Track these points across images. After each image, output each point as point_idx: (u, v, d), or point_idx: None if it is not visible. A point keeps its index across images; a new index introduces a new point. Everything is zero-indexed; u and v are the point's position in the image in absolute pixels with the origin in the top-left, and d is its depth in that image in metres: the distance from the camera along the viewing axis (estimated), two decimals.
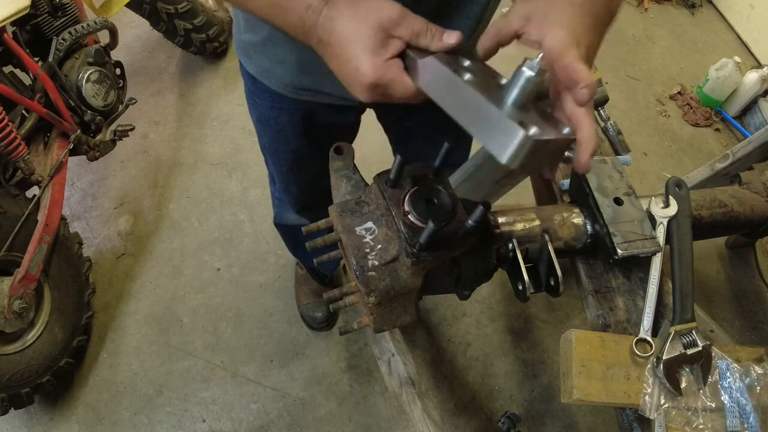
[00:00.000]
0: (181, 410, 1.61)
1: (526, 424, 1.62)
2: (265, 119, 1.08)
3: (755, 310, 1.94)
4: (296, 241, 1.58)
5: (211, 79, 2.47)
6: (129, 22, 2.57)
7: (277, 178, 1.29)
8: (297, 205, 1.35)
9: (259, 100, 1.04)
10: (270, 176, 1.36)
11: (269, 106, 1.03)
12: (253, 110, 1.10)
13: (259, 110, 1.07)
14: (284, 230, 1.55)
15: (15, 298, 1.35)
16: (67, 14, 1.60)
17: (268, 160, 1.27)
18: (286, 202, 1.37)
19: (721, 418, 0.75)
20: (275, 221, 1.50)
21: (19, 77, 1.46)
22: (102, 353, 1.71)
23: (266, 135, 1.14)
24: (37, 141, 1.53)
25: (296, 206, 1.36)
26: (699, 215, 0.95)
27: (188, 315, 1.80)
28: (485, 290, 1.89)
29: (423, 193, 0.68)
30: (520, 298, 0.82)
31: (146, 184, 2.12)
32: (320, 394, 1.65)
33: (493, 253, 0.79)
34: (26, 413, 1.58)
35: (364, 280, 0.65)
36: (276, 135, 1.11)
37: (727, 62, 2.54)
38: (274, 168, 1.27)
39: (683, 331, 0.79)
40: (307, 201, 1.33)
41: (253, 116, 1.12)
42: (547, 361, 1.75)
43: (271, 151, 1.19)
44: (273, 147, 1.16)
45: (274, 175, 1.30)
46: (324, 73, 0.73)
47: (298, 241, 1.56)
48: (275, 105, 1.02)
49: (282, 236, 1.63)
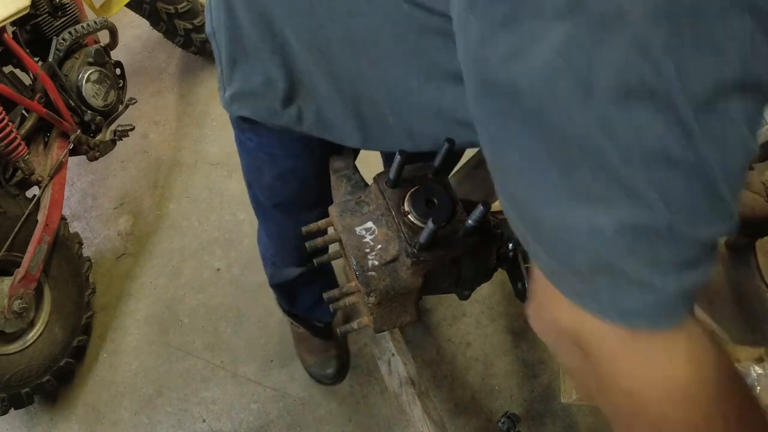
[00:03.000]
0: (181, 410, 1.61)
1: (526, 424, 1.62)
2: (290, 172, 0.89)
3: (755, 310, 1.94)
4: (294, 294, 1.42)
5: (211, 79, 2.47)
6: (129, 22, 2.57)
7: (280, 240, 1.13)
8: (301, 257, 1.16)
9: (280, 152, 0.86)
10: (260, 238, 1.22)
11: (295, 155, 0.86)
12: (272, 167, 0.89)
13: (281, 165, 0.88)
14: (283, 288, 1.39)
15: (15, 298, 1.35)
16: (67, 14, 1.60)
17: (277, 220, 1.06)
18: (285, 262, 1.23)
19: None
20: (272, 283, 1.35)
21: (19, 77, 1.46)
22: (102, 353, 1.71)
23: (285, 192, 0.95)
24: (37, 141, 1.53)
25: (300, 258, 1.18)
26: None
27: (188, 315, 1.80)
28: (485, 290, 1.89)
29: (423, 193, 0.68)
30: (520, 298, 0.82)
31: (146, 184, 2.12)
32: (320, 394, 1.65)
33: (493, 253, 0.79)
34: (26, 413, 1.58)
35: (364, 280, 0.65)
36: (301, 187, 0.93)
37: None
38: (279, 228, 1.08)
39: None
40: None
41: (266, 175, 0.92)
42: (547, 361, 1.75)
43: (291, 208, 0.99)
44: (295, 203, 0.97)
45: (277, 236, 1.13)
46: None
47: (295, 293, 1.41)
48: (304, 151, 0.85)
49: (278, 296, 1.49)
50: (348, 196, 0.77)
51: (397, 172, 0.67)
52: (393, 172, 0.67)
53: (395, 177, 0.67)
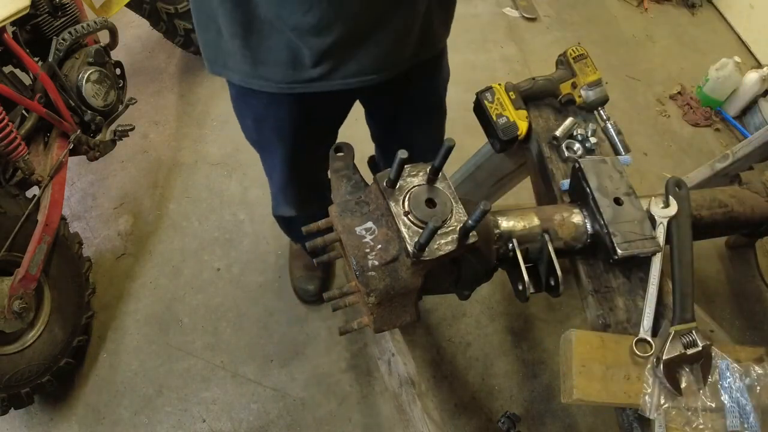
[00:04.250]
0: (181, 410, 1.61)
1: (526, 424, 1.62)
2: (261, 118, 1.10)
3: (755, 310, 1.94)
4: (290, 228, 1.66)
5: (211, 79, 2.47)
6: (129, 22, 2.57)
7: (273, 175, 1.32)
8: (293, 202, 1.38)
9: (254, 100, 1.05)
10: (266, 172, 1.38)
11: (265, 104, 1.05)
12: (247, 111, 1.12)
13: (254, 110, 1.09)
14: (281, 220, 1.62)
15: (15, 298, 1.35)
16: (67, 14, 1.60)
17: (265, 157, 1.29)
18: (280, 199, 1.41)
19: (721, 418, 0.75)
20: (274, 213, 1.54)
21: (19, 77, 1.46)
22: (102, 353, 1.71)
23: (262, 133, 1.16)
24: (37, 141, 1.53)
25: (292, 203, 1.39)
26: (699, 215, 0.95)
27: (188, 315, 1.80)
28: (485, 290, 1.89)
29: (423, 193, 0.68)
30: (520, 298, 0.82)
31: (146, 184, 2.12)
32: (320, 394, 1.65)
33: (493, 253, 0.79)
34: (26, 413, 1.58)
35: (364, 280, 0.65)
36: (273, 131, 1.13)
37: (727, 62, 2.54)
38: (269, 165, 1.29)
39: (683, 331, 0.79)
40: (300, 195, 1.36)
41: (246, 117, 1.14)
42: (547, 361, 1.75)
43: (267, 148, 1.22)
44: (269, 144, 1.19)
45: (270, 172, 1.33)
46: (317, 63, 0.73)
47: (293, 228, 1.63)
48: (272, 102, 1.04)
49: (278, 223, 1.69)
50: (348, 196, 0.77)
51: (397, 172, 0.67)
52: (393, 172, 0.67)
53: (395, 177, 0.67)
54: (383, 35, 0.92)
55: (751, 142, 1.55)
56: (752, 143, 1.54)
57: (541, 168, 1.11)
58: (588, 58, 1.16)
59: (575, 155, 1.09)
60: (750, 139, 1.56)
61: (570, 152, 1.09)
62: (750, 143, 1.55)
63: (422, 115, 1.26)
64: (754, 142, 1.54)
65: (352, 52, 0.92)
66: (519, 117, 1.10)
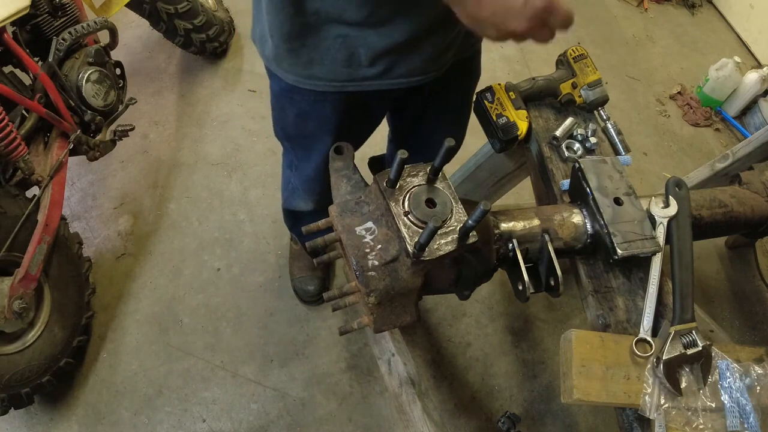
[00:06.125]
0: (181, 410, 1.61)
1: (526, 424, 1.62)
2: (306, 114, 1.10)
3: (755, 310, 1.94)
4: (299, 223, 1.61)
5: (211, 79, 2.47)
6: (129, 22, 2.57)
7: (303, 167, 1.30)
8: (316, 194, 1.36)
9: (300, 96, 1.05)
10: (288, 163, 1.37)
11: (311, 101, 1.05)
12: (291, 108, 1.11)
13: (299, 106, 1.09)
14: (290, 213, 1.59)
15: (15, 298, 1.35)
16: (67, 14, 1.59)
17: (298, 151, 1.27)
18: (301, 191, 1.38)
19: (721, 418, 0.75)
20: (284, 206, 1.53)
21: (19, 77, 1.46)
22: (102, 353, 1.71)
23: (304, 128, 1.15)
24: (37, 141, 1.53)
25: (315, 195, 1.37)
26: (699, 215, 0.95)
27: (188, 315, 1.80)
28: (485, 290, 1.89)
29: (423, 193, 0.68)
30: (520, 298, 0.82)
31: (146, 184, 2.12)
32: (320, 394, 1.65)
33: (493, 253, 0.79)
34: (26, 413, 1.58)
35: (364, 280, 0.65)
36: (317, 127, 1.12)
37: (727, 62, 2.54)
38: (301, 158, 1.27)
39: (683, 331, 0.79)
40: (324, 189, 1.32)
41: (289, 113, 1.13)
42: (547, 361, 1.75)
43: (304, 143, 1.20)
44: (309, 139, 1.17)
45: (299, 164, 1.30)
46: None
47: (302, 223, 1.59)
48: (319, 99, 1.04)
49: (285, 216, 1.67)
50: (348, 196, 0.77)
51: (397, 172, 0.67)
52: (393, 172, 0.67)
53: (395, 177, 0.67)
54: (438, 38, 0.94)
55: (751, 142, 1.55)
56: (752, 143, 1.54)
57: (541, 168, 1.11)
58: (588, 58, 1.16)
59: (575, 155, 1.09)
60: (750, 139, 1.56)
61: (570, 152, 1.09)
62: (750, 143, 1.55)
63: (450, 114, 1.27)
64: (754, 142, 1.54)
65: (408, 53, 0.94)
66: (519, 117, 1.11)
